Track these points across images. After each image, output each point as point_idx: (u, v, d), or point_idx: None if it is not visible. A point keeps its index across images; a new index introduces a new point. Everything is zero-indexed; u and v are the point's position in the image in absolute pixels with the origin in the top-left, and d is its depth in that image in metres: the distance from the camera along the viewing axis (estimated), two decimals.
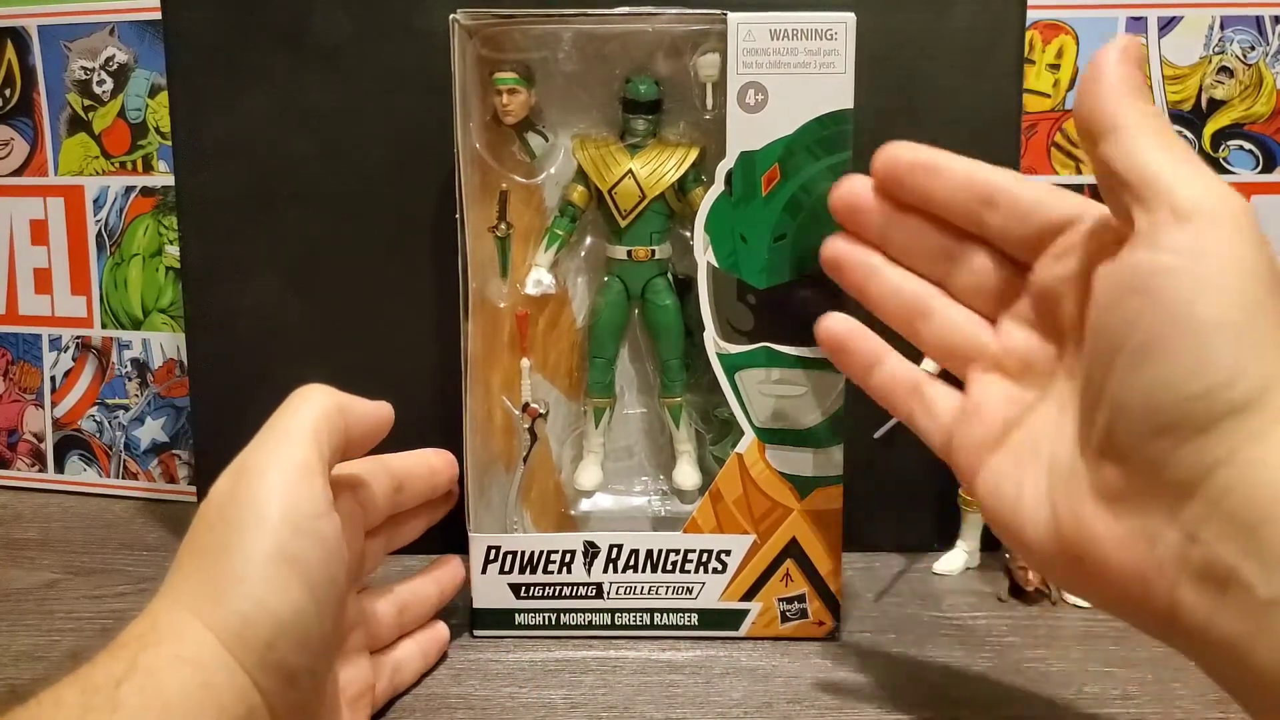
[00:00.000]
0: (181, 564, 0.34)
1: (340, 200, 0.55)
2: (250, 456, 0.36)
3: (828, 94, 0.42)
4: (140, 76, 0.68)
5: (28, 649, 0.45)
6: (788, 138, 0.43)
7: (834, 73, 0.42)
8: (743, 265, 0.44)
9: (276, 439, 0.36)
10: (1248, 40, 0.64)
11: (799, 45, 0.42)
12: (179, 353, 0.70)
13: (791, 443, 0.45)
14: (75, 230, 0.70)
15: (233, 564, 0.32)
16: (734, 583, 0.46)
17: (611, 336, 0.49)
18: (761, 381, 0.45)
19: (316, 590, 0.33)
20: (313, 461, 0.35)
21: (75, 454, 0.72)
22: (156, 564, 0.57)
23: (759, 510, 0.45)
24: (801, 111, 0.43)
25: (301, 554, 0.33)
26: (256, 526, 0.33)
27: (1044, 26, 0.64)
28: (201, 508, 0.35)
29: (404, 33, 0.53)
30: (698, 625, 0.47)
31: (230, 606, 0.31)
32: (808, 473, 0.45)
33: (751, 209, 0.44)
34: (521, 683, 0.42)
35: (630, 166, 0.46)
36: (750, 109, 0.43)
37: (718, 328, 0.45)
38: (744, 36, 0.43)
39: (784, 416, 0.45)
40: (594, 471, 0.50)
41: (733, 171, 0.44)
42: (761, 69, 0.42)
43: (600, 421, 0.50)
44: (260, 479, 0.34)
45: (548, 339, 0.50)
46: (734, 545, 0.46)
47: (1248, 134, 0.65)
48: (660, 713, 0.40)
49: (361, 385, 0.56)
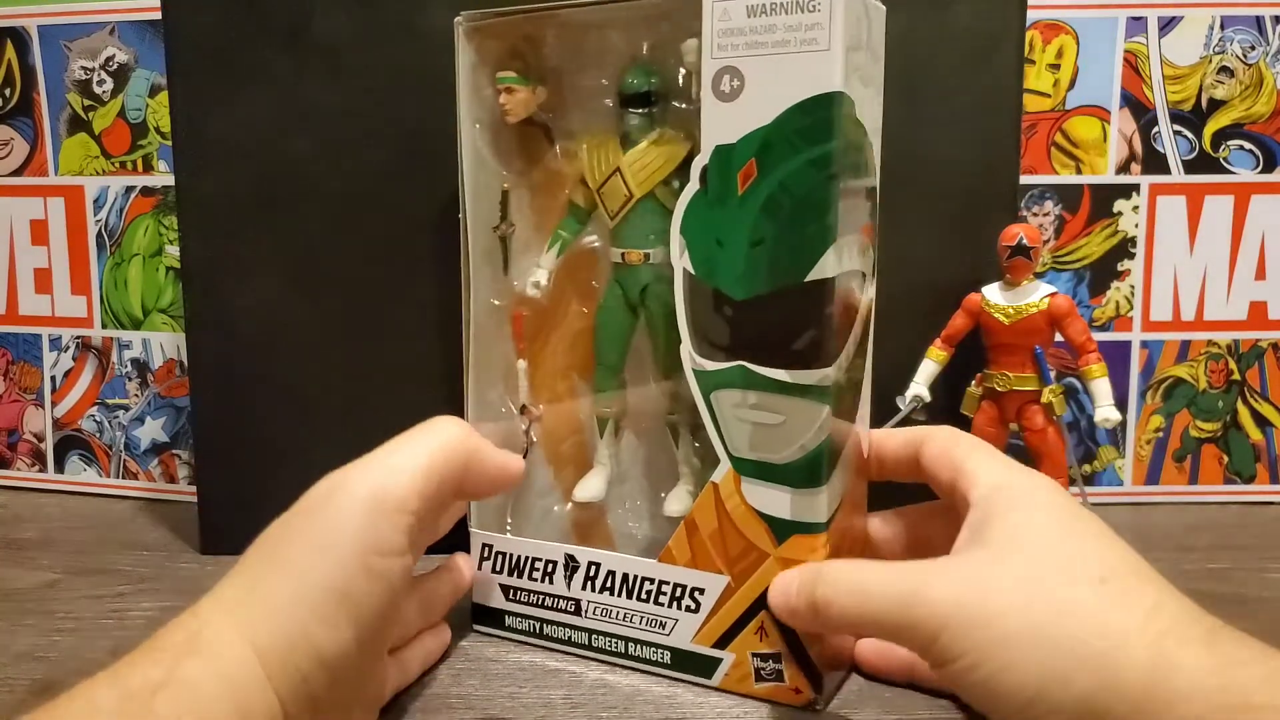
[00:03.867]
0: (244, 568, 0.34)
1: (340, 200, 0.55)
2: (354, 472, 0.35)
3: (810, 75, 0.35)
4: (140, 76, 0.68)
5: (28, 649, 0.45)
6: (765, 128, 0.36)
7: (817, 50, 0.35)
8: (719, 272, 0.38)
9: (384, 463, 0.35)
10: (1248, 40, 0.64)
11: (778, 21, 0.36)
12: (179, 353, 0.70)
13: (768, 478, 0.38)
14: (75, 230, 0.70)
15: (291, 587, 0.32)
16: (707, 626, 0.41)
17: (611, 344, 0.46)
18: (738, 404, 0.39)
19: (364, 633, 0.32)
20: (410, 498, 0.34)
21: (75, 454, 0.72)
22: (156, 564, 0.57)
23: (734, 549, 0.40)
24: (781, 97, 0.36)
25: (363, 595, 0.32)
26: (326, 554, 0.32)
27: (1044, 26, 0.64)
28: (293, 508, 0.35)
29: (404, 32, 0.53)
30: (670, 665, 0.42)
31: (278, 630, 0.31)
32: (785, 515, 0.38)
33: (727, 210, 0.38)
34: (521, 683, 0.42)
35: (619, 164, 0.43)
36: (725, 97, 0.37)
37: (694, 341, 0.40)
38: (719, 16, 0.37)
39: (760, 446, 0.38)
40: (592, 484, 0.47)
41: (707, 168, 0.38)
42: (738, 51, 0.37)
43: (605, 432, 0.47)
44: (349, 500, 0.33)
45: (549, 342, 0.50)
46: (708, 584, 0.41)
47: (1248, 134, 0.65)
48: (660, 713, 0.40)
49: (362, 385, 0.56)
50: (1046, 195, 0.65)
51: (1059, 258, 0.66)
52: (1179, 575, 0.32)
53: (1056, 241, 0.66)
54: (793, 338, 0.37)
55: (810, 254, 0.36)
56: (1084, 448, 0.68)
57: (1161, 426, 0.67)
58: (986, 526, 0.34)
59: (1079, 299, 0.66)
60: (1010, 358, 0.51)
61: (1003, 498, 0.35)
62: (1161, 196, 0.66)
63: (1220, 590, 0.51)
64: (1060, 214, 0.66)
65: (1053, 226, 0.66)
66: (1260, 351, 0.67)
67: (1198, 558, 0.56)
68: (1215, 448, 0.68)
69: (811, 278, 0.36)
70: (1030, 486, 0.35)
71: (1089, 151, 0.65)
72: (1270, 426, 0.67)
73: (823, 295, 0.36)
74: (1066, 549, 0.33)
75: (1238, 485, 0.68)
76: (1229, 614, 0.48)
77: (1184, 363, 0.67)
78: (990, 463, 0.37)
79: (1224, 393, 0.67)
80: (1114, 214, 0.66)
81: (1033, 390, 0.51)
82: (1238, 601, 0.50)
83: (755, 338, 0.38)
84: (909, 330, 0.53)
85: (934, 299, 0.54)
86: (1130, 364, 0.67)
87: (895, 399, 0.53)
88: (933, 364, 0.53)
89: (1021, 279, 0.51)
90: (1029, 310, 0.50)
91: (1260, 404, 0.67)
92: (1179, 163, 0.65)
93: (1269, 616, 0.48)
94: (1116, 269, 0.66)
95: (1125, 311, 0.67)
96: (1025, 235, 0.50)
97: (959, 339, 0.53)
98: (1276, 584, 0.52)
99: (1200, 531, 0.62)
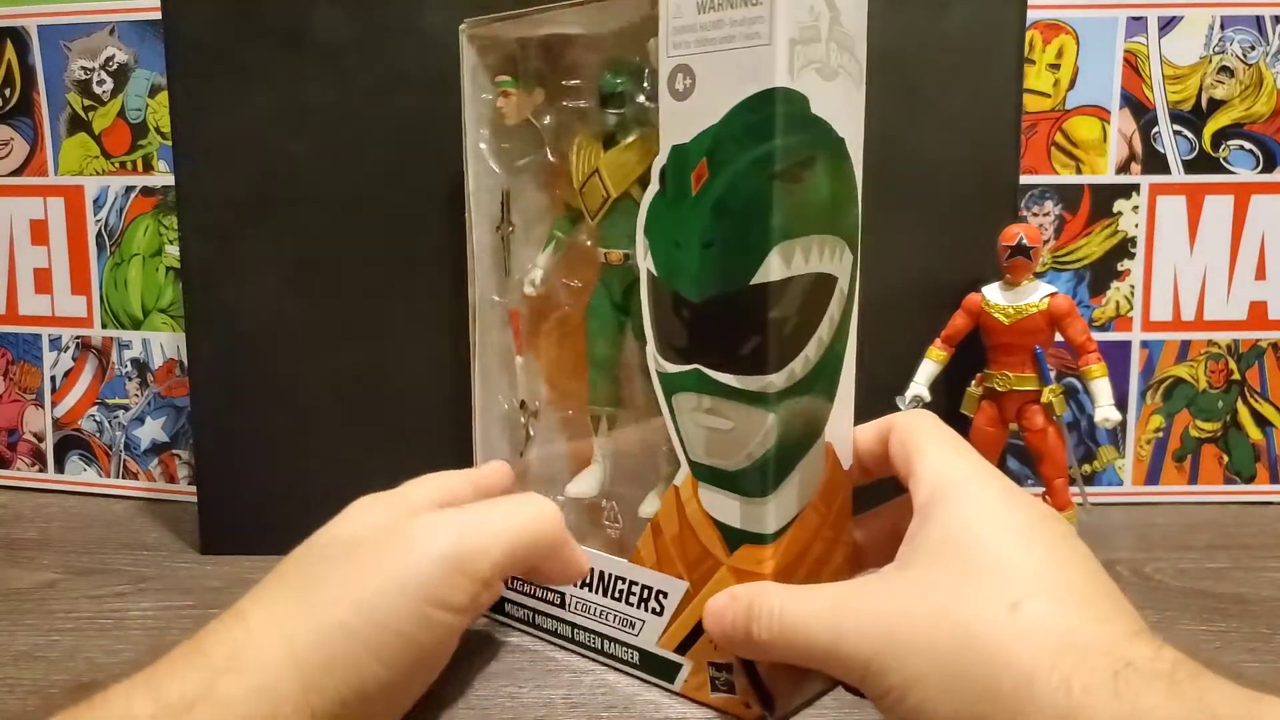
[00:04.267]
0: (298, 577, 0.33)
1: (340, 200, 0.55)
2: (438, 519, 0.35)
3: (753, 71, 0.34)
4: (140, 76, 0.68)
5: (28, 649, 0.45)
6: (714, 127, 0.35)
7: (758, 45, 0.34)
8: (677, 274, 0.37)
9: (473, 524, 0.35)
10: (1248, 40, 0.64)
11: (724, 17, 0.35)
12: (179, 353, 0.70)
13: (721, 484, 0.38)
14: (75, 230, 0.70)
15: (349, 617, 0.32)
16: (669, 630, 0.41)
17: (598, 343, 0.46)
18: (694, 409, 0.38)
19: (410, 676, 0.33)
20: (487, 567, 0.34)
21: (75, 454, 0.72)
22: (156, 564, 0.57)
23: (692, 554, 0.39)
24: (729, 95, 0.35)
25: (418, 642, 0.32)
26: (392, 595, 0.32)
27: (1044, 26, 0.64)
28: (353, 527, 0.34)
29: (404, 33, 0.53)
30: (639, 665, 0.42)
31: (327, 655, 0.31)
32: (735, 524, 0.37)
33: (683, 211, 0.37)
34: (521, 683, 0.42)
35: (598, 164, 0.43)
36: (680, 96, 0.36)
37: (657, 343, 0.39)
38: (673, 13, 0.36)
39: (714, 452, 0.38)
40: (585, 481, 0.47)
41: (665, 168, 0.37)
42: (690, 49, 0.36)
43: (599, 429, 0.47)
44: (426, 548, 0.33)
45: (548, 340, 0.50)
46: (670, 588, 0.40)
47: (1248, 134, 0.65)
48: (660, 714, 0.40)
49: (361, 385, 0.56)
50: (1046, 195, 0.65)
51: (1059, 258, 0.66)
52: (1179, 575, 0.32)
53: (1056, 241, 0.66)
54: (740, 343, 0.35)
55: (754, 257, 0.35)
56: (1084, 448, 0.68)
57: (1161, 426, 0.67)
58: (917, 537, 0.33)
59: (1079, 299, 0.66)
60: (1010, 358, 0.51)
61: (938, 502, 0.33)
62: (1161, 196, 0.66)
63: (1220, 590, 0.51)
64: (1060, 214, 0.66)
65: (1053, 226, 0.66)
66: (1260, 351, 0.67)
67: (1197, 557, 0.56)
68: (1215, 448, 0.68)
69: (756, 281, 0.35)
70: (968, 487, 0.33)
71: (1089, 151, 0.65)
72: (1270, 426, 0.67)
73: (766, 300, 0.35)
74: (989, 564, 0.30)
75: (1238, 485, 0.68)
76: (1229, 614, 0.48)
77: (1184, 363, 0.67)
78: (938, 457, 0.35)
79: (1224, 393, 0.67)
80: (1114, 214, 0.66)
81: (1033, 390, 0.51)
82: (1238, 601, 0.50)
83: (708, 341, 0.37)
84: (909, 330, 0.53)
85: (934, 299, 0.54)
86: (1130, 364, 0.67)
87: (895, 399, 0.53)
88: (933, 364, 0.53)
89: (1021, 279, 0.51)
90: (1029, 310, 0.50)
91: (1260, 404, 0.67)
92: (1179, 163, 0.65)
93: (1269, 616, 0.48)
94: (1116, 269, 0.66)
95: (1125, 311, 0.67)
96: (1025, 235, 0.50)
97: (959, 339, 0.53)
98: (1276, 584, 0.52)
99: (1200, 531, 0.62)
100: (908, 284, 0.54)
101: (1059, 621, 0.28)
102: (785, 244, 0.35)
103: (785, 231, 0.34)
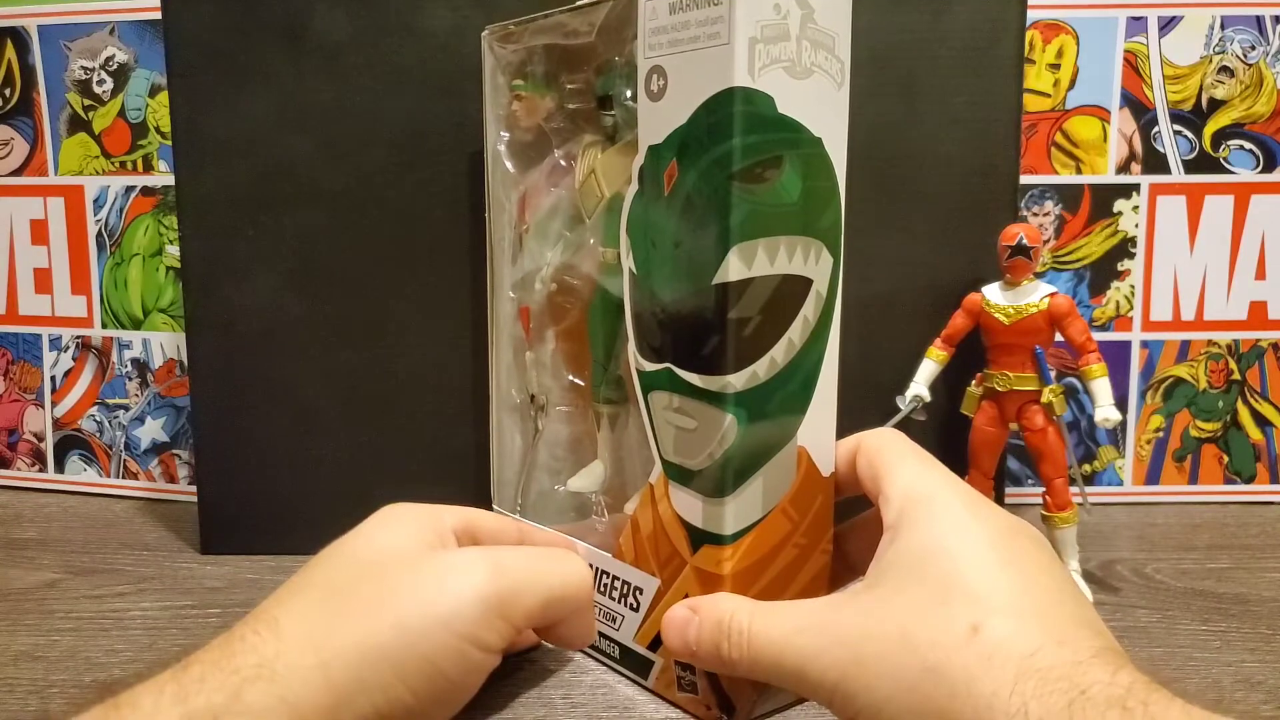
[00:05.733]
0: (329, 587, 0.34)
1: (340, 200, 0.55)
2: (479, 556, 0.35)
3: (714, 71, 0.34)
4: (140, 76, 0.68)
5: (28, 649, 0.45)
6: (682, 127, 0.36)
7: (718, 44, 0.34)
8: (653, 274, 0.38)
9: (518, 568, 0.35)
10: (1248, 40, 0.64)
11: (691, 17, 0.35)
12: (179, 353, 0.70)
13: (686, 483, 0.38)
14: (75, 230, 0.70)
15: (385, 640, 0.32)
16: (643, 627, 0.41)
17: (598, 340, 0.46)
18: (665, 407, 0.38)
19: (436, 706, 0.33)
20: (522, 615, 0.35)
21: (75, 454, 0.72)
22: (156, 564, 0.57)
23: (663, 552, 0.39)
24: (696, 95, 0.35)
25: (449, 676, 0.33)
26: (430, 627, 0.32)
27: (1044, 26, 0.64)
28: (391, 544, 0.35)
29: (404, 32, 0.53)
30: (618, 660, 0.43)
31: (358, 674, 0.31)
32: (698, 523, 0.37)
33: (658, 210, 0.37)
34: (521, 683, 0.42)
35: (595, 165, 0.44)
36: (654, 96, 0.37)
37: (636, 341, 0.39)
38: (649, 14, 0.36)
39: (681, 451, 0.38)
40: (585, 477, 0.48)
41: (643, 169, 0.38)
42: (663, 50, 0.36)
43: (601, 426, 0.48)
44: (470, 587, 0.33)
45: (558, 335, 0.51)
46: (645, 585, 0.40)
47: (1248, 134, 0.65)
48: (659, 714, 0.40)
49: (361, 384, 0.56)
50: (1046, 195, 0.65)
51: (1059, 258, 0.66)
52: (1180, 575, 0.32)
53: (1056, 241, 0.66)
54: (702, 342, 0.35)
55: (713, 256, 0.35)
56: (1084, 448, 0.68)
57: (1161, 426, 0.67)
58: (885, 556, 0.33)
59: (1079, 299, 0.66)
60: (1010, 358, 0.51)
61: (906, 520, 0.33)
62: (1161, 196, 0.66)
63: (1220, 590, 0.51)
64: (1060, 214, 0.66)
65: (1053, 226, 0.66)
66: (1260, 351, 0.67)
67: (1198, 557, 0.56)
68: (1215, 447, 0.68)
69: (716, 280, 0.35)
70: (934, 504, 0.33)
71: (1089, 151, 0.65)
72: (1270, 426, 0.67)
73: (725, 300, 0.35)
74: (954, 583, 0.30)
75: (1238, 485, 0.68)
76: (1230, 614, 0.48)
77: (1184, 362, 0.67)
78: (904, 475, 0.35)
79: (1224, 393, 0.67)
80: (1114, 214, 0.66)
81: (1033, 390, 0.51)
82: (1238, 601, 0.50)
83: (677, 340, 0.37)
84: (909, 330, 0.53)
85: (934, 299, 0.54)
86: (1130, 364, 0.67)
87: (895, 399, 0.53)
88: (933, 364, 0.53)
89: (1021, 279, 0.50)
90: (1029, 310, 0.50)
91: (1260, 404, 0.67)
92: (1179, 162, 0.65)
93: (1270, 617, 0.48)
94: (1116, 269, 0.66)
95: (1125, 311, 0.67)
96: (1025, 235, 0.50)
97: (959, 339, 0.52)
98: (1276, 584, 0.52)
99: (1200, 531, 0.62)
100: (908, 284, 0.54)
101: (1019, 643, 0.28)
102: (745, 244, 0.34)
103: (744, 232, 0.34)
